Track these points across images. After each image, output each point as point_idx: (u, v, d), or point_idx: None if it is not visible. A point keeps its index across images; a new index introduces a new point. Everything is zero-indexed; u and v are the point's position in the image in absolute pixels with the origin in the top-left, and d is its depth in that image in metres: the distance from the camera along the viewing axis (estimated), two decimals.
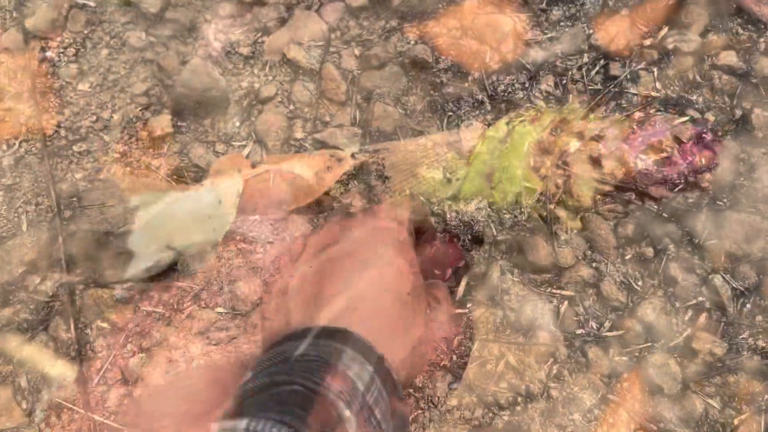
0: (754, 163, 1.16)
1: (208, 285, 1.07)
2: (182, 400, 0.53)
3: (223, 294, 1.06)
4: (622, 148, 1.18)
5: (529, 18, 1.35)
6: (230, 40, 1.32)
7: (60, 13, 1.34)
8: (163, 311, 1.05)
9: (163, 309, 1.05)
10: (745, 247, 1.09)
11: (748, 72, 1.26)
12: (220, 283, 1.08)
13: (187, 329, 1.03)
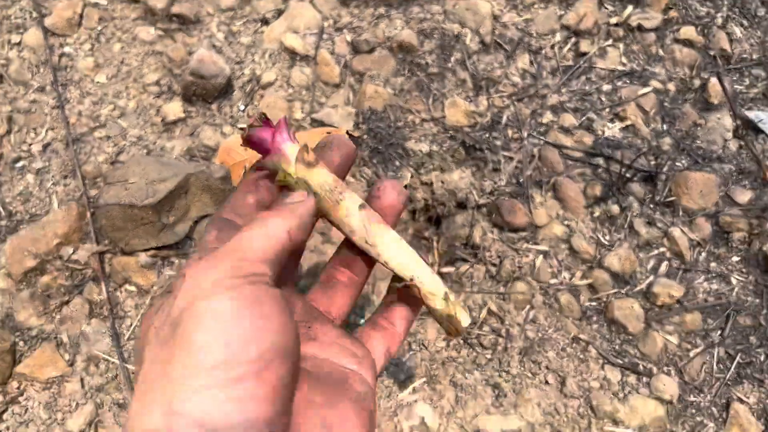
0: (710, 127, 1.28)
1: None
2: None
3: None
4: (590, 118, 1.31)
5: (505, 2, 1.46)
6: (232, 31, 1.44)
7: (75, 11, 1.46)
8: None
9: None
10: (701, 202, 1.21)
11: (706, 45, 1.38)
12: None
13: None
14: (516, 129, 1.31)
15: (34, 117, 1.34)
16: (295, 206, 0.47)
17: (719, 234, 1.20)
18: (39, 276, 1.14)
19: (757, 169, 1.24)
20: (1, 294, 1.12)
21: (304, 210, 0.47)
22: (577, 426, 1.05)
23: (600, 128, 1.30)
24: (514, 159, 1.28)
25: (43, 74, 1.39)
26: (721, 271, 1.18)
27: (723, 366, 1.11)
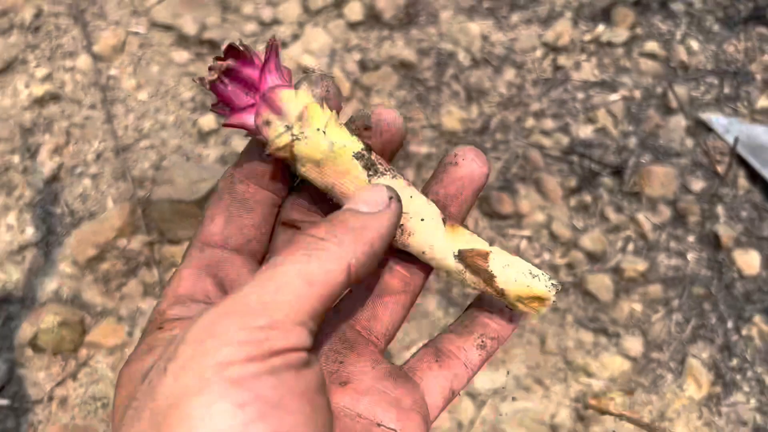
0: (670, 128, 1.49)
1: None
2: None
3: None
4: (567, 122, 1.52)
5: (493, 24, 1.68)
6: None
7: (119, 39, 1.69)
8: None
9: None
10: (662, 191, 1.42)
11: (667, 57, 1.59)
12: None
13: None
14: (503, 133, 1.52)
15: (88, 130, 1.55)
16: (366, 221, 0.37)
17: (677, 218, 1.40)
18: (100, 263, 1.35)
19: (709, 162, 1.44)
20: (69, 278, 1.34)
21: (380, 226, 0.37)
22: (555, 377, 1.25)
23: (575, 131, 1.51)
24: (501, 159, 1.48)
25: (93, 94, 1.61)
26: (679, 249, 1.38)
27: (680, 328, 1.31)
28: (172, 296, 0.40)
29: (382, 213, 0.37)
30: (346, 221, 0.36)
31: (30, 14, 1.69)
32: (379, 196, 0.37)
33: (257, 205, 0.44)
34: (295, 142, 0.40)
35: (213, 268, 0.42)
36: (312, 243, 0.34)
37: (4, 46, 1.64)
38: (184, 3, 1.72)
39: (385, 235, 0.36)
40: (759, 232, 1.37)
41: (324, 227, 0.35)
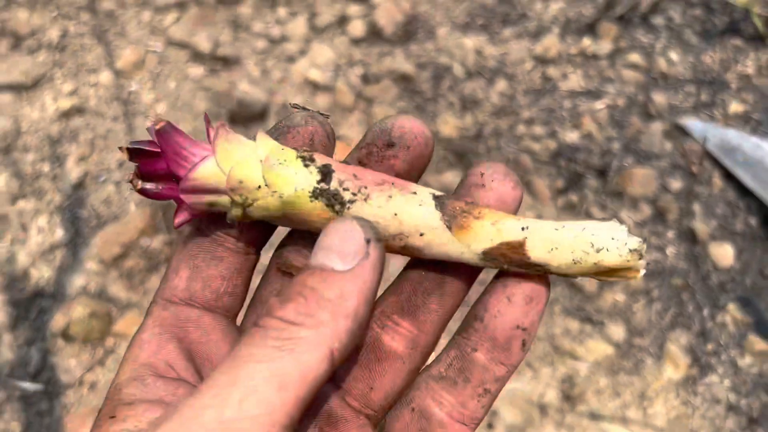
0: (650, 132, 1.60)
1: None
2: None
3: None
4: (555, 129, 1.63)
5: (486, 39, 1.81)
6: (266, 68, 1.79)
7: (139, 56, 1.82)
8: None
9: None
10: (642, 191, 1.53)
11: (648, 68, 1.71)
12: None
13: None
14: (495, 139, 1.64)
15: (111, 141, 1.68)
16: (344, 284, 0.32)
17: (657, 215, 1.51)
18: (124, 260, 1.47)
19: (686, 164, 1.56)
20: (96, 275, 1.45)
21: (363, 285, 0.32)
22: (544, 361, 1.36)
23: (562, 136, 1.63)
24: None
25: (115, 107, 1.74)
26: (659, 244, 1.49)
27: (659, 316, 1.42)
28: (131, 366, 0.37)
29: (360, 267, 0.31)
30: (318, 291, 0.31)
31: (56, 35, 1.83)
32: (353, 244, 0.32)
33: (228, 254, 0.39)
34: (248, 210, 0.37)
35: (177, 330, 0.38)
36: (282, 331, 0.29)
37: (33, 64, 1.77)
38: (199, 22, 1.85)
39: (369, 296, 0.32)
40: (732, 227, 1.48)
41: (293, 305, 0.30)
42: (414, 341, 0.40)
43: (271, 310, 0.32)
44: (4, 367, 1.34)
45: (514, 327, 0.38)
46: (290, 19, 1.86)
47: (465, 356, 0.40)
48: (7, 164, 1.62)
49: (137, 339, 0.39)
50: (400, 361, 0.40)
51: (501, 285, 0.39)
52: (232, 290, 0.41)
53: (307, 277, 0.32)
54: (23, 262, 1.46)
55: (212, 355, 0.39)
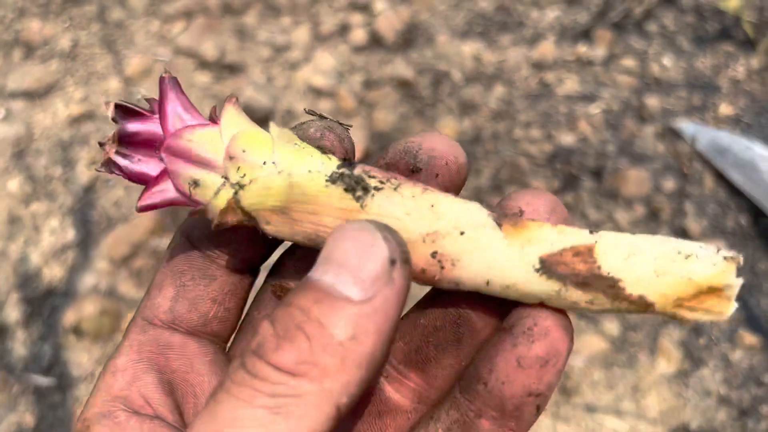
0: (644, 135, 1.65)
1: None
2: None
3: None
4: (551, 132, 1.68)
5: (485, 45, 1.86)
6: (271, 75, 1.85)
7: (147, 65, 1.87)
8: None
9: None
10: (636, 191, 1.57)
11: (642, 73, 1.76)
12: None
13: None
14: (493, 143, 1.68)
15: None
16: (359, 319, 0.25)
17: (650, 215, 1.56)
18: (133, 260, 1.52)
19: (678, 165, 1.60)
20: (107, 274, 1.50)
21: (383, 321, 0.26)
22: None
23: (559, 139, 1.67)
24: (492, 166, 1.65)
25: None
26: None
27: None
28: (102, 397, 0.33)
29: (382, 298, 0.25)
30: (325, 328, 0.25)
31: (68, 44, 1.89)
32: (375, 264, 0.26)
33: (221, 273, 0.35)
34: (240, 194, 0.30)
35: (157, 357, 0.34)
36: (278, 386, 0.24)
37: (45, 72, 1.83)
38: (205, 31, 1.91)
39: (390, 335, 0.26)
40: (723, 226, 1.52)
41: (293, 348, 0.24)
42: (422, 396, 0.35)
43: (262, 350, 0.26)
44: (18, 362, 1.39)
45: (526, 395, 0.31)
46: (294, 28, 1.92)
47: (467, 421, 0.34)
48: (20, 168, 1.67)
49: (111, 364, 0.34)
50: (405, 417, 0.35)
51: (509, 342, 0.31)
52: (223, 314, 0.36)
53: (311, 304, 0.25)
54: (36, 262, 1.51)
55: (196, 388, 0.35)
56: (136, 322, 0.36)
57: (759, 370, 1.38)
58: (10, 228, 1.57)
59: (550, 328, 0.31)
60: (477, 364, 0.33)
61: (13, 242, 1.55)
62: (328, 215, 0.31)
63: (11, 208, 1.60)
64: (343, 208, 0.31)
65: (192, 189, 0.31)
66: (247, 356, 0.26)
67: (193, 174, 0.31)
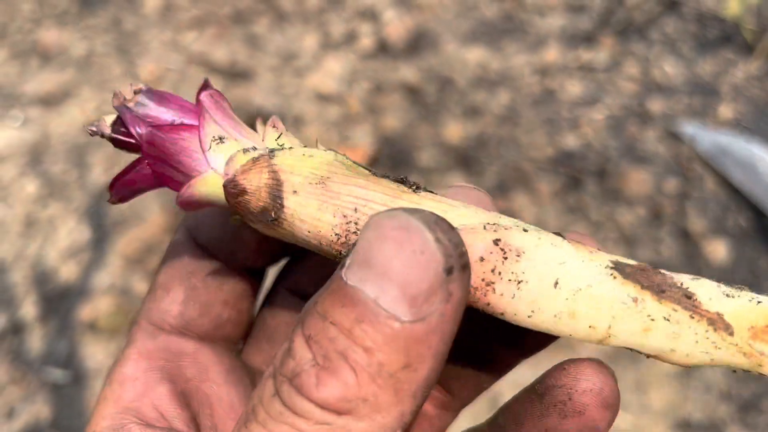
0: (646, 138, 1.69)
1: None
2: None
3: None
4: (555, 136, 1.72)
5: (490, 52, 1.90)
6: (280, 82, 1.89)
7: (160, 72, 1.93)
8: None
9: None
10: (638, 192, 1.61)
11: (644, 77, 1.80)
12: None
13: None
14: (497, 146, 1.72)
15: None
16: (410, 345, 0.21)
17: (652, 215, 1.59)
18: (148, 258, 1.56)
19: (679, 167, 1.64)
20: (121, 272, 1.55)
21: (437, 346, 0.22)
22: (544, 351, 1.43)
23: (562, 143, 1.71)
24: (496, 169, 1.69)
25: None
26: (654, 242, 1.56)
27: None
28: (111, 409, 0.31)
29: (439, 317, 0.21)
30: (374, 356, 0.21)
31: (83, 52, 1.94)
32: (428, 276, 0.21)
33: (233, 274, 0.33)
34: (274, 155, 0.28)
35: (170, 366, 0.32)
36: (322, 427, 0.21)
37: (61, 79, 1.89)
38: (217, 39, 1.96)
39: (445, 357, 0.23)
40: (724, 226, 1.55)
41: (335, 383, 0.21)
42: (445, 404, 0.34)
43: (299, 381, 0.22)
44: (35, 357, 1.43)
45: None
46: (303, 36, 1.97)
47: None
48: (37, 172, 1.72)
49: (118, 373, 0.33)
50: (429, 422, 0.34)
51: (539, 410, 0.29)
52: (236, 317, 0.35)
53: (352, 324, 0.22)
54: (53, 261, 1.56)
55: (212, 398, 0.33)
56: (140, 326, 0.34)
57: None
58: (27, 229, 1.62)
59: (587, 405, 0.26)
60: (506, 416, 0.31)
61: (31, 242, 1.59)
62: (376, 191, 0.28)
63: (29, 210, 1.65)
64: (394, 188, 0.28)
65: (214, 144, 0.29)
66: (283, 386, 0.23)
67: (221, 131, 0.30)
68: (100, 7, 2.02)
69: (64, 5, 2.03)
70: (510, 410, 0.31)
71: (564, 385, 0.27)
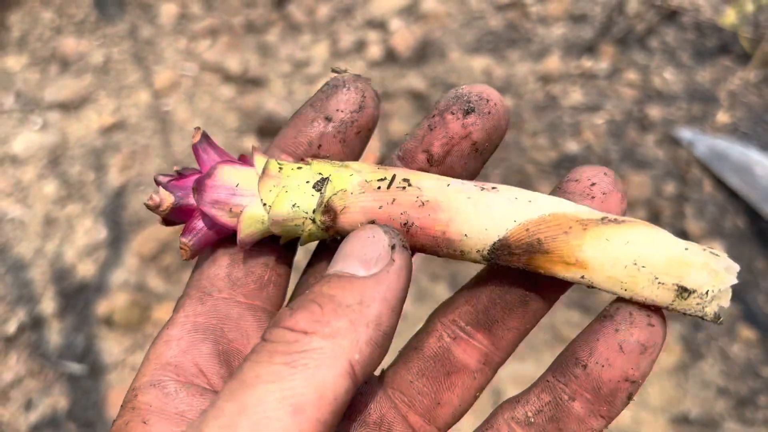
0: (645, 143, 1.74)
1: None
2: None
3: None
4: (557, 140, 1.77)
5: (494, 60, 1.96)
6: (291, 89, 1.95)
7: (175, 79, 1.99)
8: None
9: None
10: (638, 195, 1.65)
11: (644, 85, 1.85)
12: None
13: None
14: (502, 151, 1.77)
15: (149, 154, 1.84)
16: (364, 289, 0.28)
17: (652, 217, 1.63)
18: (162, 257, 1.61)
19: (678, 171, 1.68)
20: (136, 270, 1.60)
21: (387, 292, 0.29)
22: (546, 346, 1.47)
23: (564, 147, 1.76)
24: (501, 171, 1.74)
25: (153, 123, 1.90)
26: None
27: None
28: (152, 367, 0.33)
29: (384, 273, 0.28)
30: (335, 298, 0.27)
31: (101, 59, 2.01)
32: (376, 249, 0.29)
33: (266, 242, 0.36)
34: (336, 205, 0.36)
35: (214, 327, 0.34)
36: (293, 344, 0.26)
37: (80, 85, 1.95)
38: (230, 48, 2.03)
39: (395, 304, 0.28)
40: (722, 227, 1.60)
41: (304, 313, 0.27)
42: (487, 356, 0.37)
43: (279, 321, 0.28)
44: (53, 350, 1.48)
45: (623, 379, 0.34)
46: (313, 45, 2.03)
47: (560, 404, 0.36)
48: (56, 174, 1.78)
49: (164, 335, 0.35)
50: (471, 377, 0.37)
51: (611, 328, 0.35)
52: (276, 279, 0.38)
53: (322, 286, 0.29)
54: (71, 259, 1.61)
55: None
56: (189, 294, 0.37)
57: (756, 363, 1.44)
58: (46, 228, 1.67)
59: (650, 317, 0.34)
60: (575, 349, 0.36)
61: (49, 241, 1.65)
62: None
63: (48, 210, 1.71)
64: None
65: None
66: (267, 329, 0.29)
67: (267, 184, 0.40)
68: (117, 16, 2.09)
69: (82, 14, 2.09)
70: (580, 341, 0.37)
71: (629, 306, 0.35)
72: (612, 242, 0.36)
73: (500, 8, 2.04)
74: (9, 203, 1.72)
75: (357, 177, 0.38)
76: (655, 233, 0.37)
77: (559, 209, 0.36)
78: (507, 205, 0.36)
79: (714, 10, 1.95)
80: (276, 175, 0.38)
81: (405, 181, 0.37)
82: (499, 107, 0.36)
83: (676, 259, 0.36)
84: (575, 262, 0.36)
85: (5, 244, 1.65)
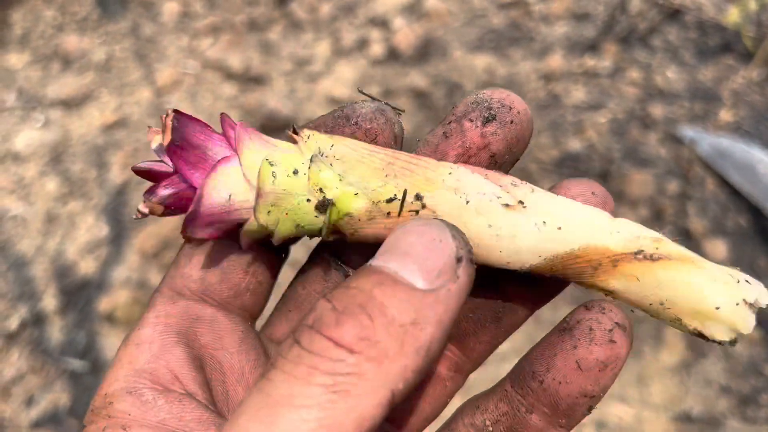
0: (647, 141, 1.73)
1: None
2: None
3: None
4: (560, 139, 1.77)
5: (496, 59, 1.96)
6: (293, 87, 1.95)
7: (177, 76, 1.99)
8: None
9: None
10: (641, 193, 1.65)
11: (646, 83, 1.85)
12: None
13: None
14: None
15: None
16: (421, 306, 0.25)
17: (654, 215, 1.63)
18: (163, 254, 1.61)
19: (680, 169, 1.68)
20: (138, 267, 1.60)
21: (443, 314, 0.25)
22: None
23: (567, 146, 1.76)
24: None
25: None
26: None
27: None
28: (125, 371, 0.32)
29: (446, 291, 0.24)
30: (388, 310, 0.24)
31: (103, 57, 2.01)
32: (442, 259, 0.25)
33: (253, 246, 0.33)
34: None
35: (187, 330, 0.33)
36: (337, 363, 0.23)
37: (82, 83, 1.95)
38: (232, 46, 2.02)
39: (448, 329, 0.25)
40: (724, 226, 1.59)
41: (352, 323, 0.23)
42: (458, 365, 0.37)
43: (320, 324, 0.25)
44: (55, 347, 1.48)
45: (581, 395, 0.33)
46: (316, 43, 2.03)
47: (517, 415, 0.35)
48: (58, 171, 1.78)
49: (136, 336, 0.33)
50: (443, 385, 0.37)
51: (570, 344, 0.34)
52: (255, 287, 0.36)
53: (373, 286, 0.25)
54: (72, 256, 1.61)
55: (224, 366, 0.34)
56: (162, 292, 0.35)
57: (759, 361, 1.44)
58: (48, 225, 1.67)
59: (613, 332, 0.32)
60: (533, 361, 0.35)
61: (51, 238, 1.65)
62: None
63: (50, 207, 1.71)
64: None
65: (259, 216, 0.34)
66: (303, 332, 0.25)
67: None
68: (119, 14, 2.09)
69: (84, 12, 2.10)
70: (537, 354, 0.35)
71: (591, 318, 0.33)
72: (642, 282, 0.35)
73: (503, 6, 2.04)
74: (11, 200, 1.72)
75: (363, 199, 0.34)
76: (690, 279, 0.34)
77: (591, 241, 0.34)
78: (533, 237, 0.33)
79: (717, 8, 1.95)
80: (271, 190, 0.34)
81: (418, 199, 0.33)
82: (522, 116, 0.34)
83: (704, 313, 0.35)
84: (601, 289, 0.36)
85: (7, 241, 1.65)
